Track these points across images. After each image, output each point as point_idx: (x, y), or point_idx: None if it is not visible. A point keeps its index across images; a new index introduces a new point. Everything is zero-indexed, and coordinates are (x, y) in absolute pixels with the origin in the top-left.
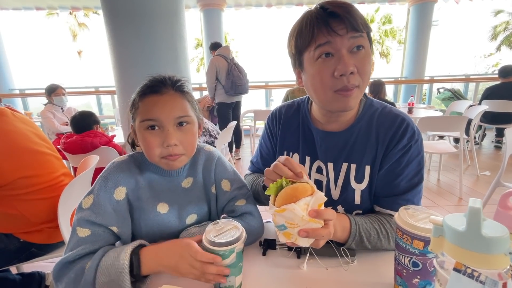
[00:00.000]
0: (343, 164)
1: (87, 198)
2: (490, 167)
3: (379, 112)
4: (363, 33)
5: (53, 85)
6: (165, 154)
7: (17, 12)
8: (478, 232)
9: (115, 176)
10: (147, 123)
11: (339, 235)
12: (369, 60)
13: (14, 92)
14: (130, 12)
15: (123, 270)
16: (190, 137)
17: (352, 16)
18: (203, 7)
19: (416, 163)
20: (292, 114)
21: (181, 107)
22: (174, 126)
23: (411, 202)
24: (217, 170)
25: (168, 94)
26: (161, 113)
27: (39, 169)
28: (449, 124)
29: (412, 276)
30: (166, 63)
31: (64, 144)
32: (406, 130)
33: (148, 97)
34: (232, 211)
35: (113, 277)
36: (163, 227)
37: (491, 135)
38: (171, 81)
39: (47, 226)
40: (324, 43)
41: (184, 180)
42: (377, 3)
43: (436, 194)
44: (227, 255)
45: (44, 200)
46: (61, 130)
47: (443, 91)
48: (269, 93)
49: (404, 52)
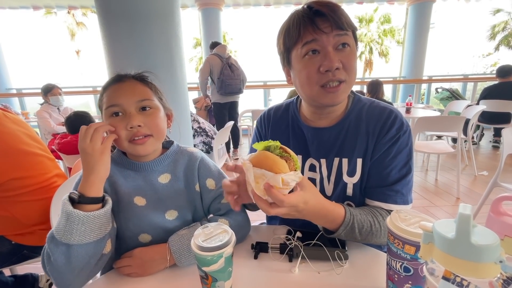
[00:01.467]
0: (335, 159)
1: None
2: (488, 167)
3: (367, 106)
4: (348, 31)
5: (49, 85)
6: (130, 136)
7: (14, 11)
8: (467, 240)
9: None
10: (111, 110)
11: (322, 222)
12: (354, 56)
13: (11, 92)
14: (124, 11)
15: (65, 201)
16: (154, 119)
17: (337, 15)
18: (201, 6)
19: (405, 153)
20: (280, 115)
21: (142, 92)
22: (136, 110)
23: (400, 193)
24: (201, 169)
25: (128, 82)
26: (122, 98)
27: (31, 170)
28: (447, 124)
29: (404, 281)
30: (161, 62)
31: (59, 144)
32: (395, 121)
33: (110, 86)
34: (218, 209)
35: (60, 215)
36: (142, 220)
37: (489, 135)
38: (133, 73)
39: (39, 228)
40: (310, 40)
41: (161, 175)
42: (376, 3)
43: (433, 194)
44: (215, 260)
45: (36, 202)
46: (57, 131)
47: (441, 90)
48: (268, 93)
49: (402, 52)
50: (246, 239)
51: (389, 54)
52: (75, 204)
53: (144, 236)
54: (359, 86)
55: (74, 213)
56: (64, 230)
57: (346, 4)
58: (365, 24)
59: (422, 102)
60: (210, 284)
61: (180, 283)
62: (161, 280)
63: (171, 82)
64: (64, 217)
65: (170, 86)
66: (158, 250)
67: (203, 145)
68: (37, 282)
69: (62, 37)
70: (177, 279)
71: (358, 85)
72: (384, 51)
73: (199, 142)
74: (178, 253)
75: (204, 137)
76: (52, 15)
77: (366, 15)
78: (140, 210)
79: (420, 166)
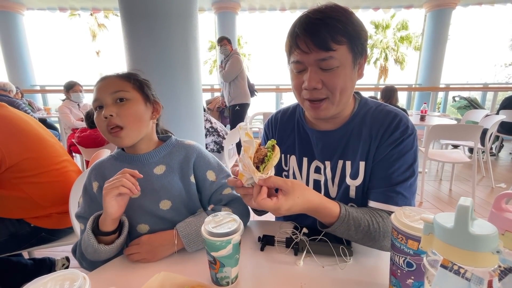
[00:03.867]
0: (339, 161)
1: (80, 198)
2: (507, 179)
3: (373, 110)
4: (334, 49)
5: (71, 82)
6: (105, 127)
7: (42, 12)
8: (465, 230)
9: (90, 175)
10: (94, 104)
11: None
12: (339, 75)
13: (35, 88)
14: (146, 13)
15: (88, 232)
16: (128, 110)
17: (321, 35)
18: (218, 10)
19: (409, 156)
20: (287, 118)
21: (117, 84)
22: (112, 101)
23: (402, 195)
24: (200, 162)
25: (110, 78)
26: (101, 92)
27: (42, 150)
28: (462, 133)
29: (406, 277)
30: (178, 62)
31: (78, 138)
32: (399, 125)
33: (96, 85)
34: (220, 200)
35: (86, 242)
36: (137, 211)
37: (509, 146)
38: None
39: (55, 211)
40: (295, 61)
41: (156, 167)
42: (393, 9)
43: (447, 204)
44: (224, 245)
45: (50, 184)
46: (76, 126)
47: (459, 99)
48: (280, 96)
49: (419, 59)
50: (253, 232)
51: (404, 61)
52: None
53: (141, 227)
54: (373, 93)
55: (100, 248)
56: (92, 256)
57: (362, 10)
58: (381, 30)
59: (438, 111)
60: (217, 269)
61: (188, 267)
62: (169, 264)
63: (187, 82)
64: (91, 249)
65: (185, 86)
66: (166, 236)
67: (215, 144)
68: (54, 266)
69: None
70: (185, 264)
71: (371, 91)
72: (400, 58)
73: (210, 141)
74: (188, 238)
75: (216, 137)
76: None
77: (383, 21)
78: (133, 201)
79: (434, 175)
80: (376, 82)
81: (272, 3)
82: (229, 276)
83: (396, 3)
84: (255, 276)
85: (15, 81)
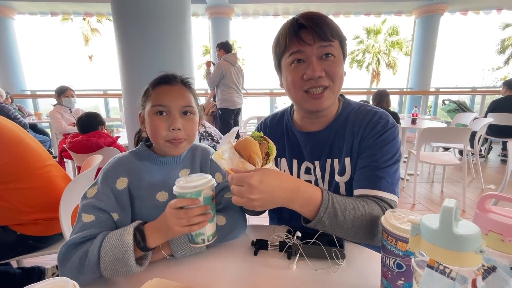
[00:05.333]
0: (327, 160)
1: (92, 188)
2: (496, 181)
3: (355, 109)
4: (333, 41)
5: (62, 87)
6: (170, 137)
7: (33, 16)
8: (450, 230)
9: (116, 168)
10: (157, 108)
11: (297, 205)
12: (338, 64)
13: (25, 93)
14: (139, 17)
15: (128, 247)
16: (192, 124)
17: (320, 27)
18: (212, 16)
19: (391, 146)
20: (276, 123)
21: (187, 98)
22: (179, 113)
23: (385, 179)
24: (212, 164)
25: (177, 86)
26: (171, 101)
27: (21, 154)
28: (452, 135)
29: (397, 278)
30: (172, 66)
31: (70, 143)
32: (379, 120)
33: (160, 86)
34: (219, 203)
35: (118, 255)
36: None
37: (497, 148)
38: (180, 77)
39: (42, 217)
40: (295, 51)
41: (181, 170)
42: (384, 15)
43: (438, 205)
44: (194, 197)
45: (33, 190)
46: (68, 131)
47: (448, 103)
48: (274, 101)
49: (410, 63)
50: (246, 236)
51: (396, 66)
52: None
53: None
54: (365, 97)
55: (135, 269)
56: (114, 272)
57: (354, 15)
58: (373, 35)
59: (429, 114)
60: None
61: (180, 273)
62: (162, 270)
63: None
64: (123, 268)
65: None
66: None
67: None
68: (43, 274)
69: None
70: (177, 269)
71: (364, 95)
72: (392, 62)
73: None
74: (175, 244)
75: (210, 141)
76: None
77: (374, 26)
78: (162, 205)
79: (426, 177)
80: (369, 86)
81: (265, 9)
82: (204, 233)
83: (387, 9)
84: (248, 280)
85: (5, 86)
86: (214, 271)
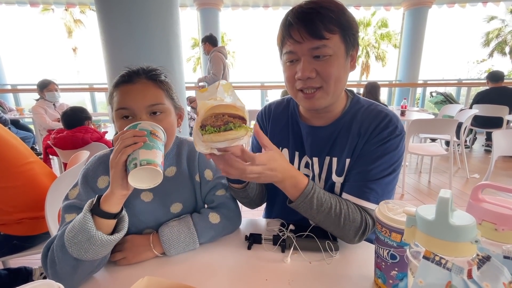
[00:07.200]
0: (326, 157)
1: (73, 189)
2: (480, 170)
3: (364, 108)
4: (327, 38)
5: (45, 80)
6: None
7: (11, 6)
8: (446, 221)
9: (97, 167)
10: (121, 113)
11: (288, 183)
12: (332, 64)
13: (5, 88)
14: (123, 8)
15: (85, 214)
16: (164, 124)
17: (312, 23)
18: (200, 6)
19: (392, 156)
20: (281, 111)
21: (153, 96)
22: (147, 114)
23: (375, 191)
24: (201, 160)
25: (140, 83)
26: (133, 102)
27: (1, 152)
28: (439, 127)
29: (390, 268)
30: (159, 59)
31: (54, 139)
32: (388, 125)
33: (121, 86)
34: (212, 201)
35: (78, 227)
36: (147, 215)
37: (481, 139)
38: (144, 70)
39: (26, 216)
40: (288, 51)
41: (167, 169)
42: (373, 7)
43: (426, 195)
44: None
45: (15, 188)
46: (52, 127)
47: (436, 94)
48: (265, 94)
49: (398, 56)
50: (240, 231)
51: (386, 58)
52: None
53: (148, 231)
54: (355, 89)
55: (97, 235)
56: (79, 247)
57: None
58: (362, 28)
59: (417, 106)
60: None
61: (172, 270)
62: (154, 268)
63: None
64: (84, 236)
65: None
66: (148, 237)
67: None
68: (31, 275)
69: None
70: (169, 267)
71: (354, 88)
72: (381, 55)
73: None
74: (167, 243)
75: None
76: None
77: (364, 19)
78: (146, 206)
79: (414, 168)
80: (359, 79)
81: (255, 0)
82: (137, 157)
83: (376, 1)
84: (243, 275)
85: None
86: (208, 267)
